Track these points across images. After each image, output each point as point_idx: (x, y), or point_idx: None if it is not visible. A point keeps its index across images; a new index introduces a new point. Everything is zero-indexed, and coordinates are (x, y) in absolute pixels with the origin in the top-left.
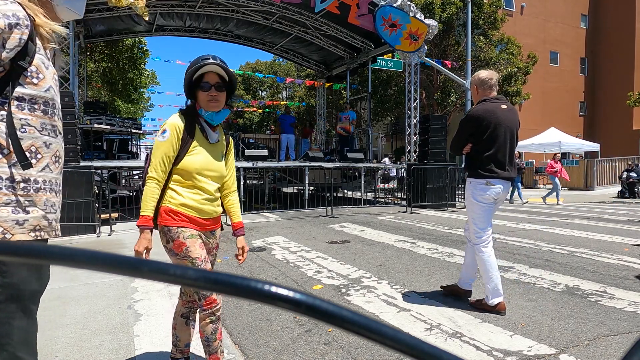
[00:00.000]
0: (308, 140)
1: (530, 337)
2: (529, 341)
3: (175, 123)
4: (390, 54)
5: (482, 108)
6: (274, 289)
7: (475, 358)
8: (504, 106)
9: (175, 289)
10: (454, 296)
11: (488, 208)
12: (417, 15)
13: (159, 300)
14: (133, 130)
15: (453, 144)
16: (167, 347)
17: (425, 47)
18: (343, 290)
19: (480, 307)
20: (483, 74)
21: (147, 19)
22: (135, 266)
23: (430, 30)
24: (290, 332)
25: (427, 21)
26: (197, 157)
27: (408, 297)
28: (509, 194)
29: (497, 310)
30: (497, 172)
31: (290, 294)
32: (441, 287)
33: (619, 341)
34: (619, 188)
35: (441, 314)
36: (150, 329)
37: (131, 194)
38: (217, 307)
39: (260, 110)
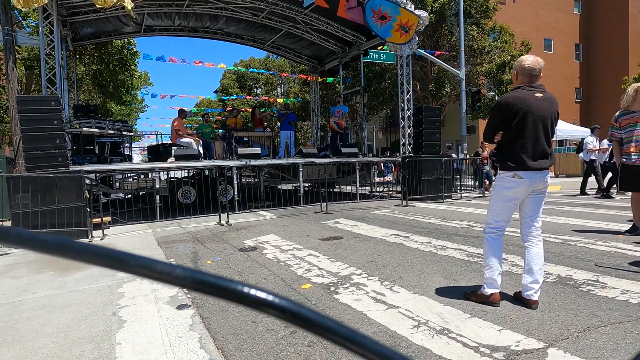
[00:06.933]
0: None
1: (519, 332)
2: (518, 335)
3: None
4: (382, 47)
5: (512, 95)
6: (259, 294)
7: (462, 355)
8: (539, 94)
9: (162, 294)
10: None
11: (509, 204)
12: (407, 7)
13: (145, 306)
14: (125, 133)
15: (485, 131)
16: (149, 353)
17: (417, 38)
18: (332, 289)
19: (476, 297)
20: (527, 61)
21: (134, 17)
22: (122, 260)
23: (421, 22)
24: (275, 334)
25: (418, 12)
26: None
27: (397, 293)
28: None
29: (491, 301)
30: (524, 164)
31: (277, 300)
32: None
33: (609, 332)
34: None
35: (430, 310)
36: (133, 336)
37: (125, 196)
38: None
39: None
